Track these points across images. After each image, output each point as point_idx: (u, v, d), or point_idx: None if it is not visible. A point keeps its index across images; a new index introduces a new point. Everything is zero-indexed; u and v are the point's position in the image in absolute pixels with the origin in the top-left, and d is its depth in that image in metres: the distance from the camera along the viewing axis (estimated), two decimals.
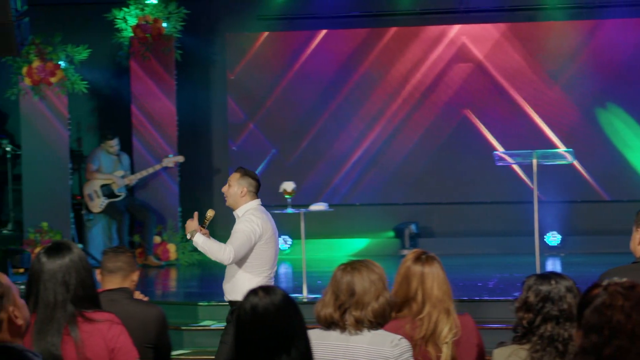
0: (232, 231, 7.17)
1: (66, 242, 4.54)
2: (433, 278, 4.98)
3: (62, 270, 4.37)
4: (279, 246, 6.44)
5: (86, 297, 4.42)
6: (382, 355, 4.46)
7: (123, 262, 5.53)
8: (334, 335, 4.50)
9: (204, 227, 7.23)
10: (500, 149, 13.52)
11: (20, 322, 3.62)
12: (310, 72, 14.52)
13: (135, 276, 5.61)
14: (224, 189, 7.38)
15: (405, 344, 4.53)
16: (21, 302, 3.63)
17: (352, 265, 4.57)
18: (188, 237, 7.24)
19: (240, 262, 7.13)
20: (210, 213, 7.32)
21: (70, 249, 4.45)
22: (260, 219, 7.21)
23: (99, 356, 4.39)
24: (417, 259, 5.04)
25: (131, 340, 4.53)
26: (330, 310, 4.49)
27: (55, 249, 4.44)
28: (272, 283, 7.28)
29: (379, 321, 4.51)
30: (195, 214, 7.32)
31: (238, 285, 7.07)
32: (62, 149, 13.18)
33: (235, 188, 7.29)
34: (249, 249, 7.10)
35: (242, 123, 14.71)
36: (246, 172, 7.40)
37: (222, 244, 7.08)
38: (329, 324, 4.50)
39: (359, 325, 4.46)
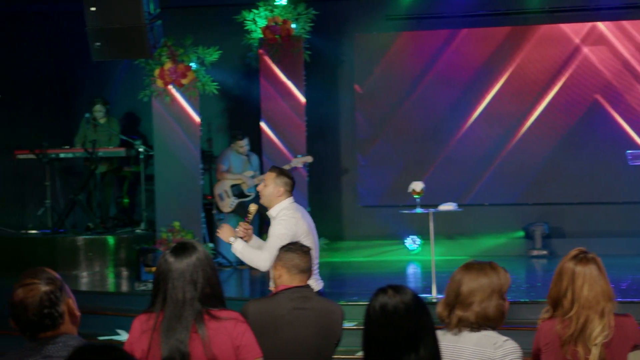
0: (268, 234, 7.17)
1: (191, 241, 4.60)
2: (584, 278, 4.87)
3: (190, 269, 4.43)
4: (409, 246, 6.41)
5: (213, 295, 4.47)
6: (485, 357, 4.40)
7: (310, 262, 5.67)
8: (448, 336, 4.47)
9: (247, 222, 7.19)
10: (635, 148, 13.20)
11: (78, 313, 3.75)
12: (440, 71, 14.43)
13: (310, 275, 5.78)
14: (260, 187, 7.35)
15: (510, 345, 4.44)
16: (73, 295, 3.78)
17: (467, 265, 4.53)
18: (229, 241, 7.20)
19: None
20: (253, 207, 7.26)
21: (195, 248, 4.51)
22: (294, 217, 7.19)
23: (225, 353, 4.43)
24: (573, 258, 4.94)
25: (255, 338, 4.57)
26: (440, 309, 4.48)
27: (182, 249, 4.51)
28: (317, 278, 7.31)
29: (482, 323, 4.44)
30: (225, 225, 7.32)
31: None
32: (193, 149, 13.36)
33: (272, 187, 7.24)
34: None
35: (370, 123, 14.71)
36: (282, 172, 7.36)
37: (259, 252, 7.05)
38: (440, 322, 4.48)
39: (461, 325, 4.43)
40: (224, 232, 7.21)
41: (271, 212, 7.28)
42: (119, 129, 14.26)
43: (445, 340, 4.44)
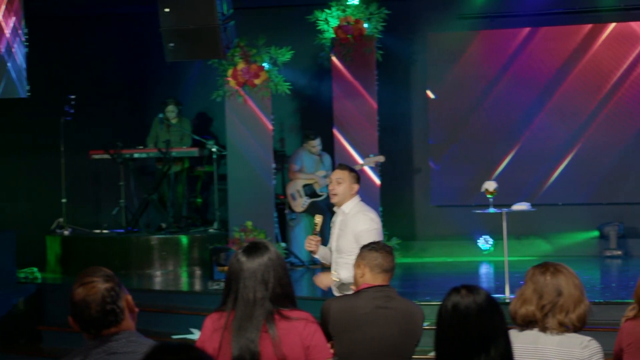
0: (359, 232, 7.07)
1: (263, 241, 4.63)
2: None
3: (262, 268, 4.45)
4: (482, 246, 6.39)
5: (283, 295, 4.48)
6: (572, 357, 4.36)
7: (393, 262, 5.67)
8: (523, 337, 4.43)
9: (316, 235, 7.18)
10: None
11: (136, 309, 3.80)
12: (513, 71, 14.33)
13: (392, 274, 5.76)
14: (333, 185, 7.32)
15: (595, 345, 4.41)
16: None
17: (556, 267, 4.48)
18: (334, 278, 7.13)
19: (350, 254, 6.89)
20: (318, 219, 7.24)
21: (267, 248, 4.53)
22: (372, 211, 7.35)
23: (295, 353, 4.44)
24: None
25: (325, 339, 4.58)
26: (533, 309, 4.42)
27: (254, 249, 4.53)
28: None
29: (581, 326, 4.41)
30: (319, 275, 7.27)
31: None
32: (266, 149, 13.42)
33: (347, 185, 7.29)
34: None
35: (443, 123, 14.65)
36: (351, 169, 7.46)
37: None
38: (526, 323, 4.42)
39: (561, 327, 4.38)
40: (323, 280, 7.23)
41: (344, 208, 7.30)
42: (191, 129, 14.38)
43: (522, 340, 4.41)
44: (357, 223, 7.17)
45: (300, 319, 4.48)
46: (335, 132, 13.83)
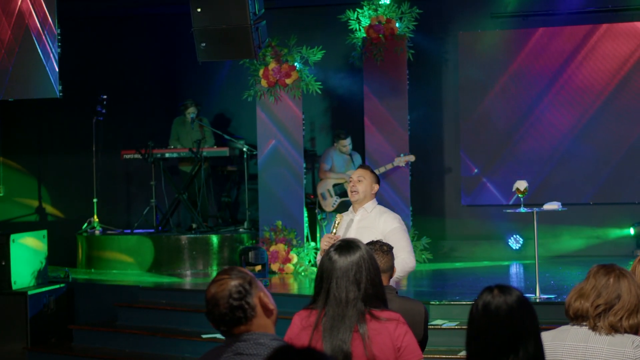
0: (390, 231, 6.98)
1: (356, 240, 4.58)
2: None
3: (354, 267, 4.43)
4: (512, 245, 6.36)
5: (375, 295, 4.46)
6: (625, 356, 4.32)
7: (391, 262, 5.62)
8: (574, 334, 4.39)
9: (333, 233, 7.00)
10: None
11: (271, 306, 3.75)
12: (548, 69, 14.27)
13: (394, 273, 5.71)
14: (354, 184, 7.26)
15: None
16: (266, 290, 3.77)
17: (621, 271, 4.44)
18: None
19: None
20: (339, 218, 7.16)
21: (359, 247, 4.50)
22: (392, 211, 7.31)
23: (386, 354, 4.43)
24: None
25: (416, 340, 4.57)
26: (587, 305, 4.37)
27: (347, 247, 4.49)
28: None
29: (632, 333, 4.37)
30: None
31: None
32: (296, 149, 13.42)
33: (368, 183, 7.25)
34: None
35: (474, 122, 14.61)
36: (371, 169, 7.45)
37: (399, 260, 6.55)
38: (577, 317, 4.39)
39: (611, 330, 4.34)
40: None
41: (366, 207, 7.27)
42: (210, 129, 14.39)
43: (572, 338, 4.38)
44: (386, 222, 7.12)
45: (391, 319, 4.47)
46: (366, 131, 13.82)
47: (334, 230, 6.98)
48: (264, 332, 3.73)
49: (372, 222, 7.17)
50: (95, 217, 14.19)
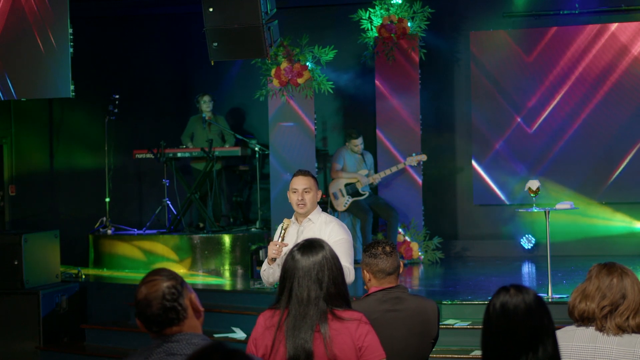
0: (337, 241, 6.55)
1: (319, 240, 4.61)
2: None
3: (316, 267, 4.45)
4: (524, 245, 6.31)
5: (338, 294, 4.49)
6: (634, 356, 4.32)
7: (397, 261, 5.59)
8: (581, 335, 4.39)
9: (282, 240, 6.75)
10: None
11: (201, 307, 3.81)
12: (559, 68, 14.24)
13: (400, 270, 5.70)
14: (301, 196, 6.85)
15: None
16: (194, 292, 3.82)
17: (623, 270, 4.44)
18: None
19: None
20: (287, 223, 6.88)
21: (322, 247, 4.53)
22: (338, 219, 6.98)
23: (346, 354, 4.44)
24: None
25: (378, 340, 4.57)
26: (593, 307, 4.38)
27: (310, 247, 4.53)
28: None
29: (639, 331, 4.36)
30: None
31: None
32: (308, 148, 13.42)
33: (314, 193, 6.89)
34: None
35: (486, 122, 14.58)
36: (312, 174, 7.01)
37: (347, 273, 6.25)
38: (583, 319, 4.39)
39: (619, 330, 4.34)
40: None
41: (311, 217, 6.91)
42: (227, 126, 14.38)
43: (580, 339, 4.39)
44: (333, 232, 6.75)
45: (352, 319, 4.48)
46: (378, 131, 13.82)
47: (280, 238, 6.75)
48: (194, 332, 3.78)
49: (317, 232, 6.76)
50: (108, 216, 14.22)
